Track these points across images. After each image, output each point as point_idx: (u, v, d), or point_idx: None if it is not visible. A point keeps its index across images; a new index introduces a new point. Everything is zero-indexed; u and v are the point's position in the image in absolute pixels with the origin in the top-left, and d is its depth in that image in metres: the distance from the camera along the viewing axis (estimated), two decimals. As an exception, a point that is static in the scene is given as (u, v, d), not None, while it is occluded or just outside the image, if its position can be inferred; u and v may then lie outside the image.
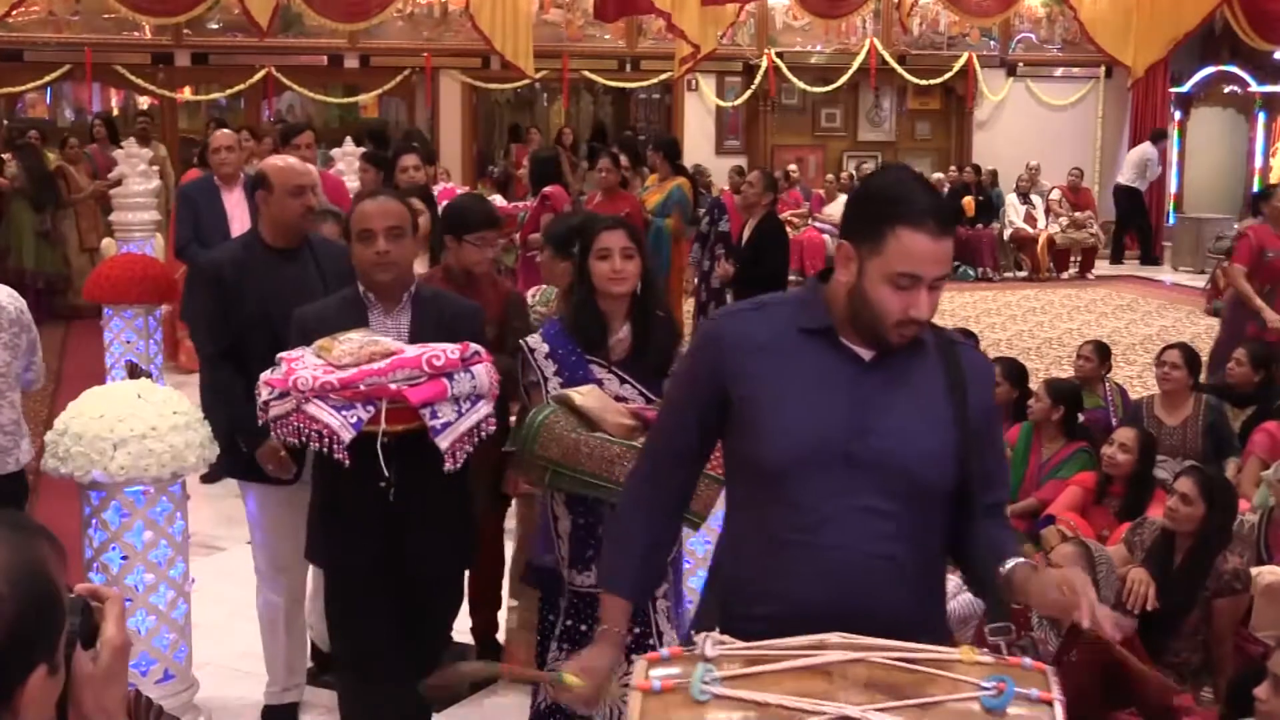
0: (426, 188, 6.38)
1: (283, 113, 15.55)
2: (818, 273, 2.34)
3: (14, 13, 12.63)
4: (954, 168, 16.07)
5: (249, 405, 3.51)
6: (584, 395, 3.40)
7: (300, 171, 4.21)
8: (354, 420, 3.21)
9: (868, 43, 15.78)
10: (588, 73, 15.37)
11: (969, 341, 2.43)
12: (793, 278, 10.03)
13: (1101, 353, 6.84)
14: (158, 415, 3.89)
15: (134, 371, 4.32)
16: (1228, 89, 16.55)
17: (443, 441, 3.28)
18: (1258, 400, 6.38)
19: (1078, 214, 15.33)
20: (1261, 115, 16.34)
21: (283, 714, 4.29)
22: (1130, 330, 11.68)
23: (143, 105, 15.01)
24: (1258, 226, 8.17)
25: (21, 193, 11.60)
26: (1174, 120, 16.79)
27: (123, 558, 3.96)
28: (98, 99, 15.22)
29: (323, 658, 4.47)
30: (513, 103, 17.12)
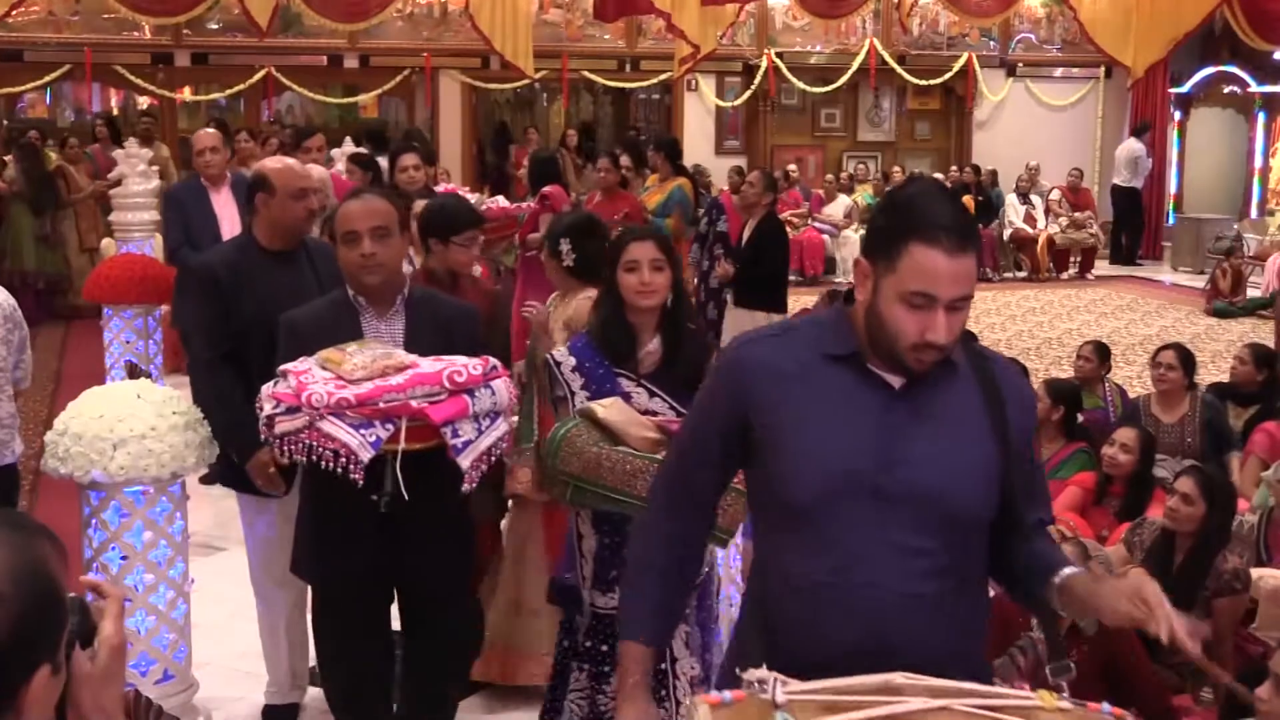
0: (429, 188, 6.36)
1: (282, 113, 15.56)
2: (843, 295, 2.20)
3: (14, 13, 12.62)
4: (954, 168, 16.07)
5: (246, 415, 3.43)
6: (607, 408, 3.31)
7: (301, 174, 4.19)
8: (373, 439, 3.07)
9: (867, 43, 15.78)
10: (587, 73, 15.37)
11: (1001, 357, 2.30)
12: (792, 278, 10.02)
13: (1101, 353, 6.85)
14: (157, 415, 3.88)
15: (133, 371, 4.33)
16: (1227, 89, 16.55)
17: (464, 461, 3.17)
18: (1261, 399, 6.40)
19: (1077, 214, 15.33)
20: (1261, 115, 16.33)
21: (284, 714, 4.29)
22: (1130, 330, 11.68)
23: (142, 105, 15.01)
24: None
25: (20, 196, 11.59)
26: (1174, 120, 16.79)
27: (122, 558, 3.96)
28: (97, 99, 15.23)
29: None
30: (512, 103, 17.12)
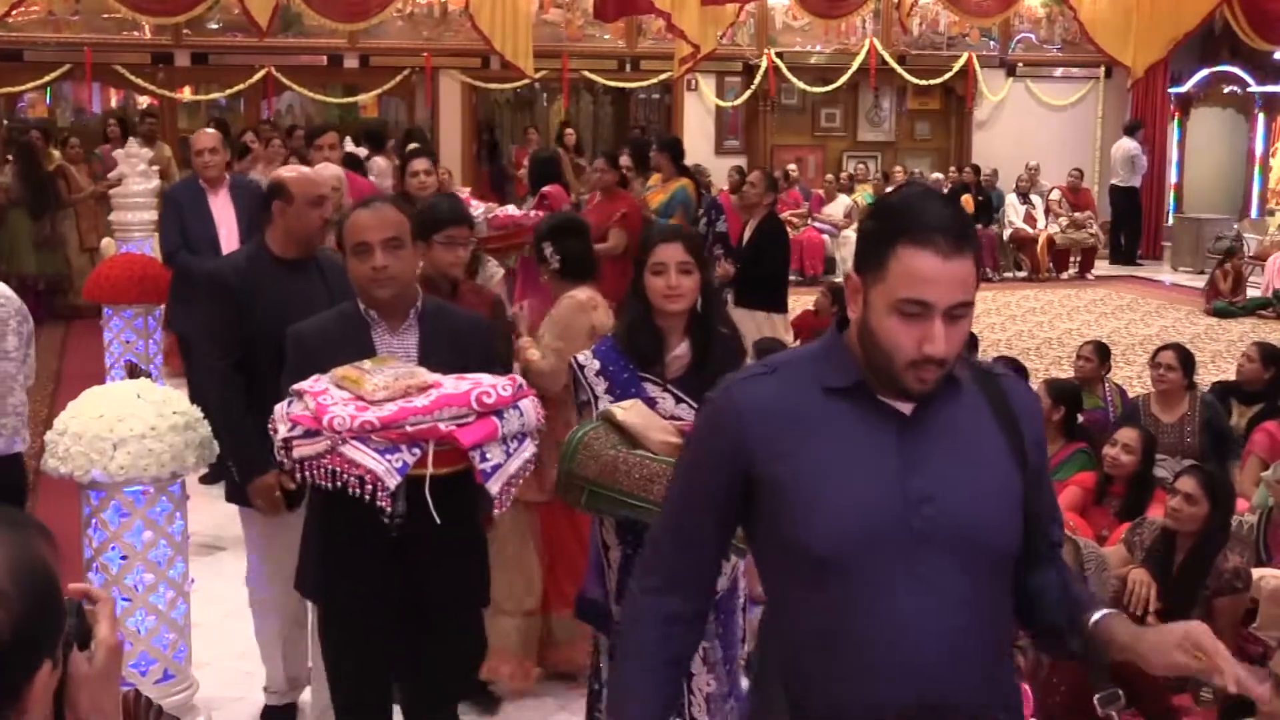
0: (441, 193, 6.25)
1: (282, 113, 15.56)
2: (835, 320, 2.04)
3: (14, 12, 12.62)
4: (953, 168, 16.08)
5: (251, 433, 3.33)
6: (626, 410, 3.21)
7: (319, 181, 4.16)
8: (399, 464, 2.93)
9: (867, 43, 15.78)
10: (587, 73, 15.37)
11: (1007, 369, 2.16)
12: (793, 278, 10.02)
13: (1101, 353, 6.85)
14: (157, 415, 3.88)
15: (133, 371, 4.33)
16: (1227, 89, 16.55)
17: (493, 486, 3.04)
18: (1266, 397, 6.41)
19: (1077, 214, 15.33)
20: (1261, 115, 16.33)
21: (282, 714, 4.29)
22: (1130, 330, 11.68)
23: (142, 105, 15.00)
24: None
25: (17, 201, 11.56)
26: (1174, 120, 16.79)
27: (122, 558, 3.96)
28: (97, 99, 15.23)
29: None
30: (512, 103, 17.12)
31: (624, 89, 15.99)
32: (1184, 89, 16.62)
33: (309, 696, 4.29)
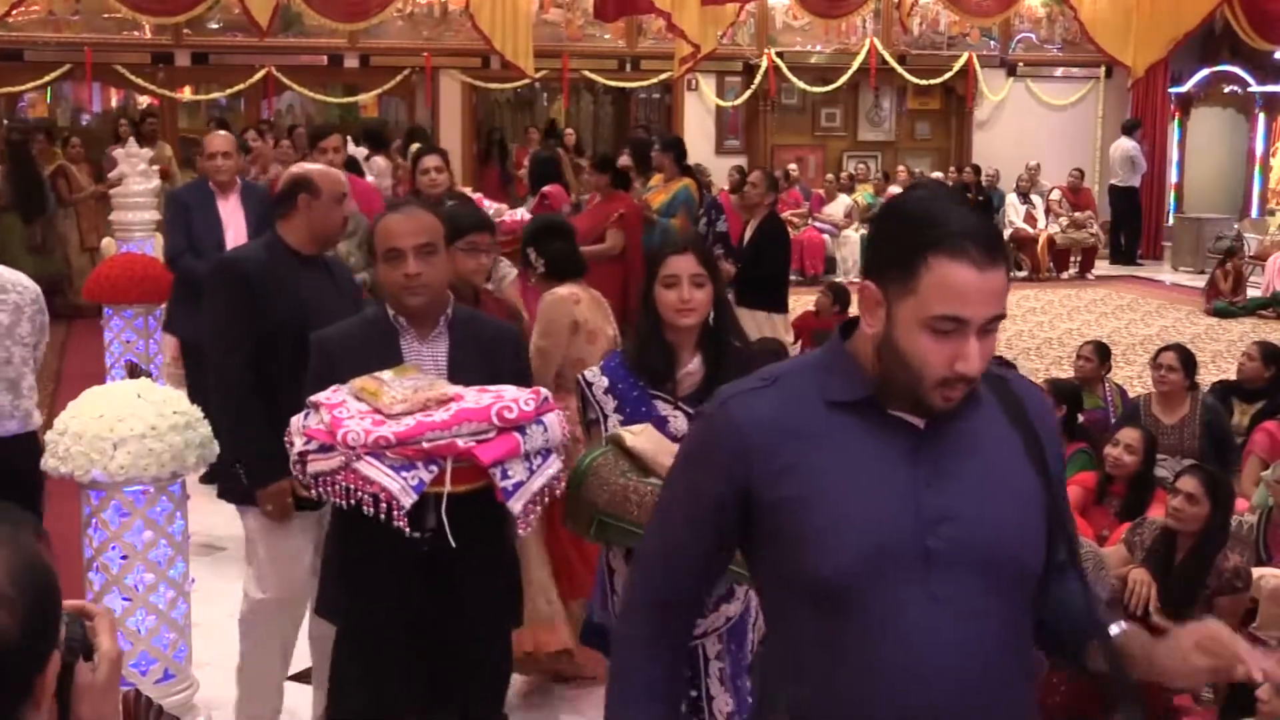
0: (452, 192, 6.12)
1: (282, 113, 15.56)
2: (838, 326, 1.91)
3: (14, 12, 12.62)
4: (953, 168, 16.09)
5: (266, 436, 3.22)
6: (636, 435, 3.07)
7: (342, 180, 4.13)
8: (415, 482, 2.81)
9: (868, 43, 15.78)
10: (588, 72, 15.37)
11: (1007, 369, 2.00)
12: (793, 278, 10.03)
13: (1101, 353, 6.86)
14: (157, 415, 3.88)
15: (134, 371, 4.33)
16: (1228, 89, 16.55)
17: (515, 504, 2.90)
18: (1267, 395, 6.41)
19: (1077, 214, 15.33)
20: (1261, 115, 16.33)
21: None
22: (1130, 330, 11.68)
23: (142, 105, 15.01)
24: None
25: (8, 206, 11.52)
26: (1174, 120, 16.79)
27: (122, 557, 3.96)
28: (98, 99, 15.23)
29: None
30: (513, 102, 17.12)
31: (624, 89, 15.99)
32: (1184, 89, 16.62)
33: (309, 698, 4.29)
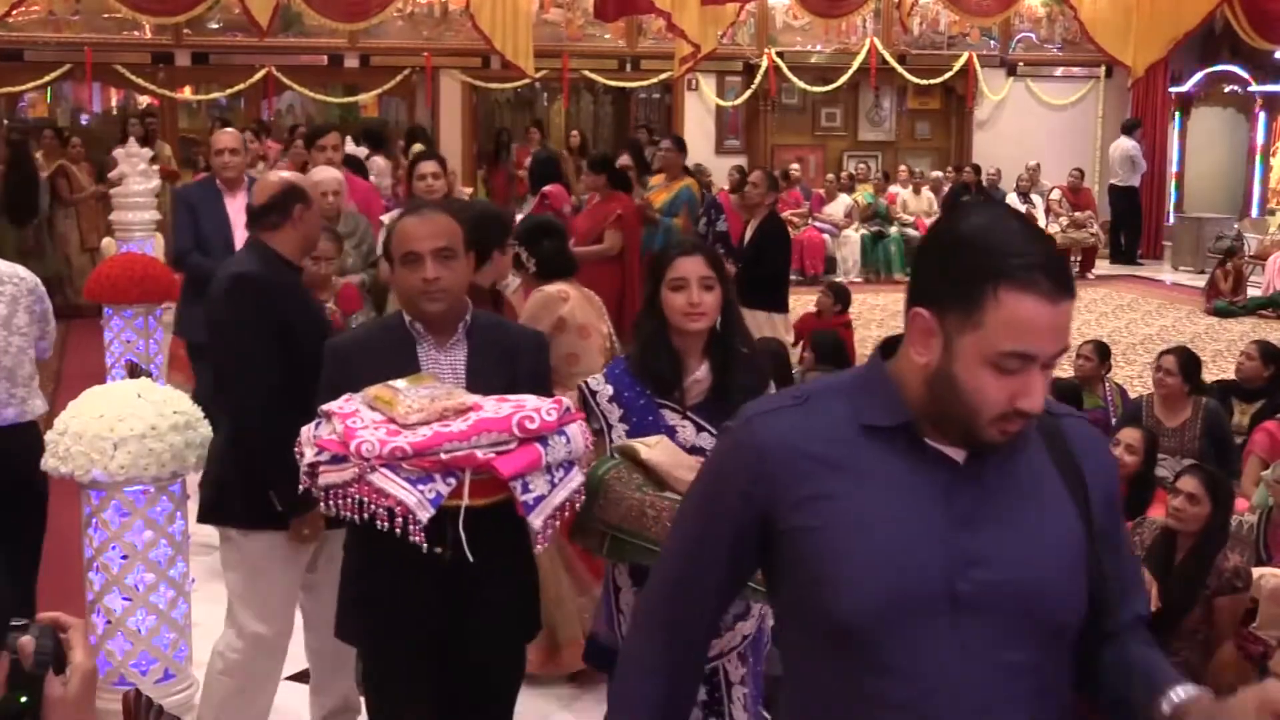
0: (450, 197, 6.16)
1: (283, 112, 15.56)
2: (878, 346, 1.79)
3: (14, 12, 12.62)
4: (951, 167, 16.10)
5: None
6: (651, 447, 2.95)
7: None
8: (432, 495, 2.68)
9: (868, 42, 15.78)
10: (588, 72, 15.37)
11: (1063, 407, 1.87)
12: (793, 277, 10.02)
13: (1101, 352, 6.85)
14: (158, 415, 3.88)
15: (134, 371, 4.34)
16: (1228, 88, 16.55)
17: (535, 519, 2.77)
18: (1266, 395, 6.41)
19: (1078, 214, 15.33)
20: (1262, 115, 16.33)
21: None
22: (1130, 330, 11.68)
23: (142, 105, 15.01)
24: None
25: (2, 209, 11.49)
26: (1174, 119, 16.79)
27: (123, 557, 3.97)
28: (98, 99, 15.23)
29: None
30: (513, 102, 17.13)
31: (624, 89, 16.00)
32: (1184, 88, 16.62)
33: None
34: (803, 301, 9.80)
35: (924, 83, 16.22)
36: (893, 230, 14.89)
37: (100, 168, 12.18)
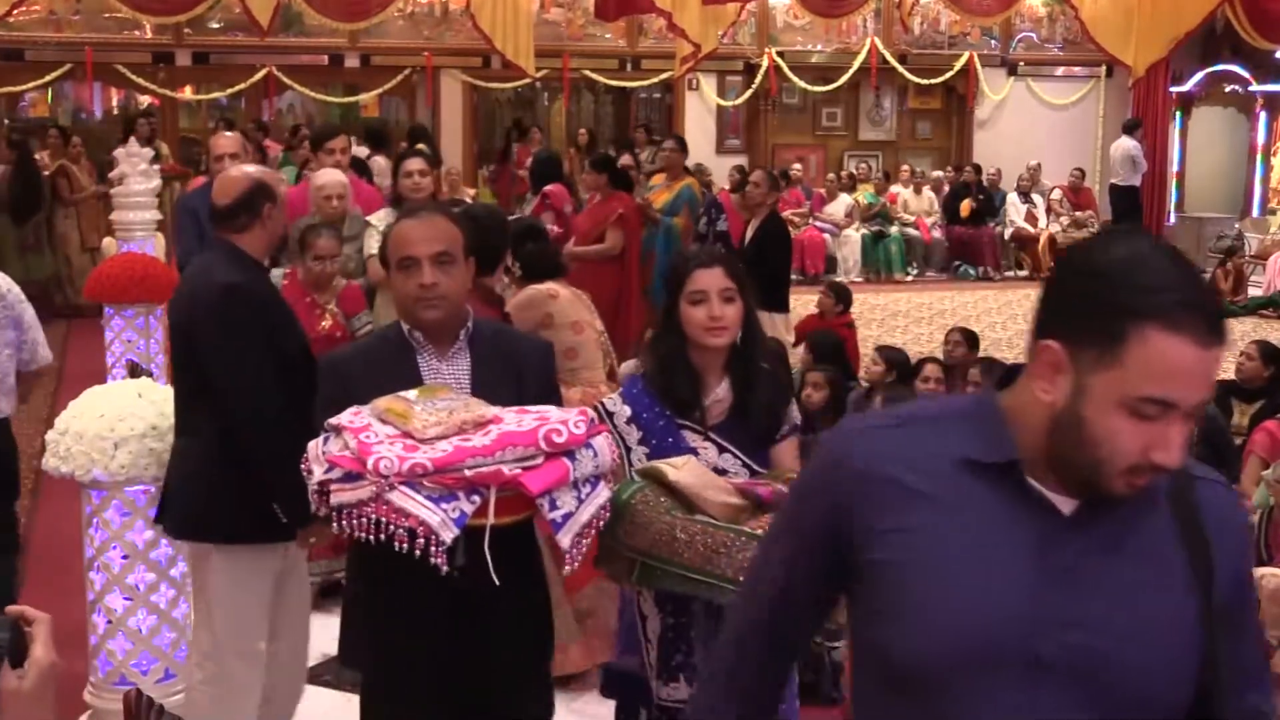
0: (436, 197, 6.08)
1: (283, 112, 15.57)
2: (995, 378, 1.66)
3: (15, 12, 12.62)
4: (950, 167, 16.11)
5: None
6: (679, 469, 2.81)
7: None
8: (456, 515, 2.51)
9: (868, 42, 15.78)
10: (588, 72, 15.37)
11: (1208, 472, 1.67)
12: (794, 277, 10.03)
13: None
14: (158, 414, 3.89)
15: (135, 371, 4.34)
16: (1229, 88, 16.55)
17: (564, 538, 2.59)
18: (1266, 395, 6.42)
19: (1078, 214, 15.35)
20: (1263, 114, 16.33)
21: None
22: (1131, 329, 11.67)
23: (143, 104, 15.01)
24: None
25: (3, 208, 11.50)
26: (1175, 119, 16.79)
27: (124, 557, 3.97)
28: (99, 99, 15.24)
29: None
30: (514, 102, 17.13)
31: (625, 88, 16.00)
32: (1185, 88, 16.61)
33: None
34: (803, 301, 9.80)
35: (925, 82, 16.22)
36: (893, 230, 14.90)
37: (101, 167, 12.22)
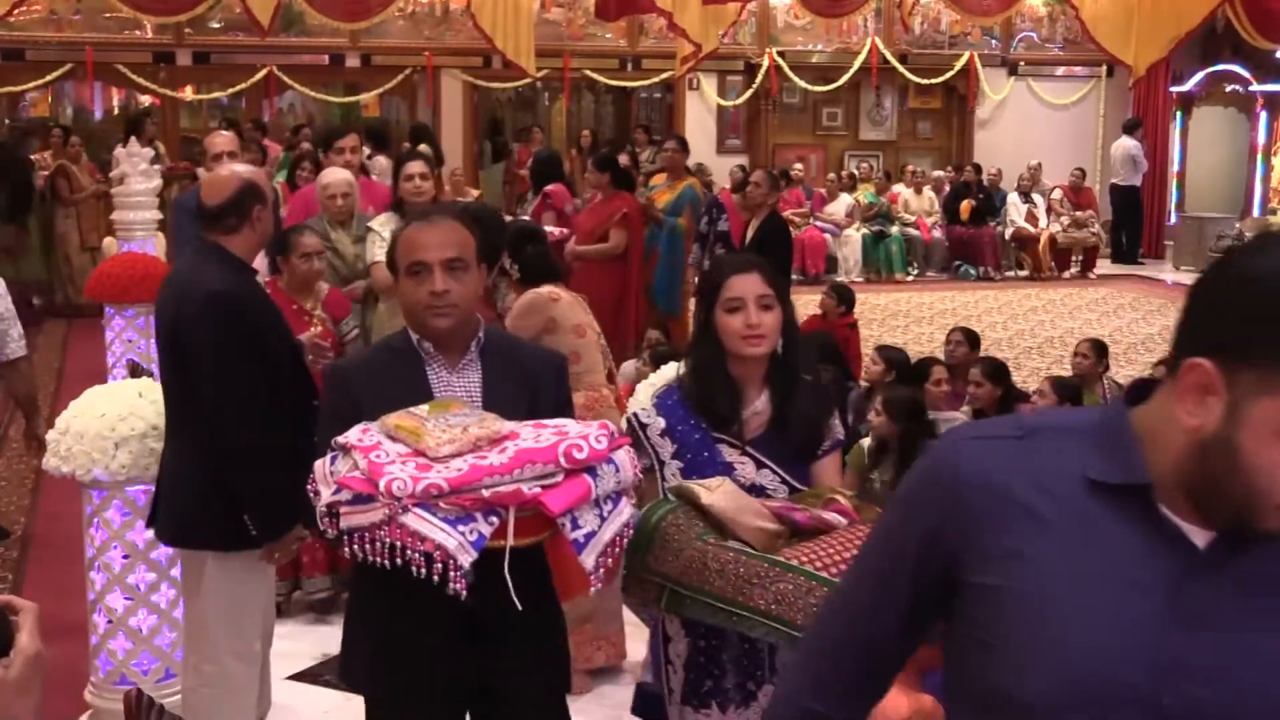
0: (438, 201, 6.02)
1: (284, 112, 15.57)
2: (1125, 393, 1.47)
3: (15, 12, 12.62)
4: (950, 167, 16.11)
5: (289, 483, 2.81)
6: (712, 491, 2.68)
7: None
8: (474, 537, 2.37)
9: (869, 42, 15.78)
10: (589, 72, 15.38)
11: None
12: (794, 277, 10.02)
13: (1098, 350, 6.86)
14: (159, 414, 3.88)
15: (135, 370, 4.34)
16: (1229, 88, 16.54)
17: (588, 559, 2.45)
18: None
19: (1079, 213, 15.34)
20: (1263, 114, 16.33)
21: None
22: (1132, 329, 11.67)
23: (144, 104, 15.01)
24: None
25: None
26: (1175, 119, 16.79)
27: (124, 557, 3.97)
28: (99, 98, 15.24)
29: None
30: (514, 102, 17.13)
31: (625, 88, 16.00)
32: (1185, 88, 16.62)
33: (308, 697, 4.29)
34: (803, 301, 9.78)
35: (925, 82, 16.23)
36: (894, 230, 14.90)
37: (103, 167, 12.22)
